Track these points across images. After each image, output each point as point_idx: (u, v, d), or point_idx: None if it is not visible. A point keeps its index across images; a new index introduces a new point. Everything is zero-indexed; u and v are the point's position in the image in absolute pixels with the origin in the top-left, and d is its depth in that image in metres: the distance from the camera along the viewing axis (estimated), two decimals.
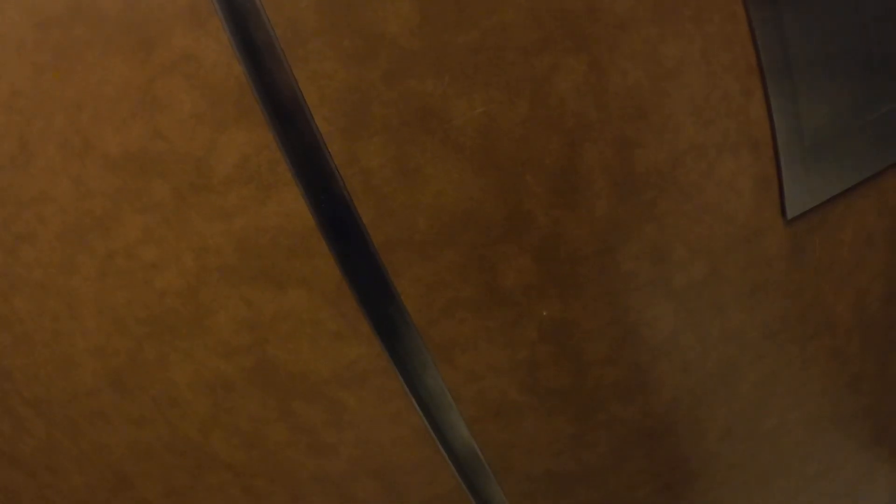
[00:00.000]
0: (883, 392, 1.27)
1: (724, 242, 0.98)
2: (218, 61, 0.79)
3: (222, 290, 0.91)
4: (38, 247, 0.92)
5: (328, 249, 0.86)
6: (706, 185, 0.93)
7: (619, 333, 0.96)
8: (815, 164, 1.02)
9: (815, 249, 1.07)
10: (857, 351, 1.19)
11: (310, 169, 0.83)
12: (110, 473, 1.09)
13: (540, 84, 0.82)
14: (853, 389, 1.20)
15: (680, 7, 0.88)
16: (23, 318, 0.98)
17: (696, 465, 1.12)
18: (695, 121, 0.90)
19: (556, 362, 0.96)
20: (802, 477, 1.24)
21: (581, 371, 0.97)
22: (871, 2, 1.01)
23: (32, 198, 0.89)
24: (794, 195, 1.01)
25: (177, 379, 0.99)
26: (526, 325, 0.92)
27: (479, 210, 0.85)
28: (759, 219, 0.99)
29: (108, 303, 0.94)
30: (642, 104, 0.86)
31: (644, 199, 0.90)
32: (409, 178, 0.83)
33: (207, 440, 1.04)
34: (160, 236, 0.88)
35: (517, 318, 0.91)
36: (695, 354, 1.03)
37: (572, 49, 0.83)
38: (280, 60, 0.79)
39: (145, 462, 1.07)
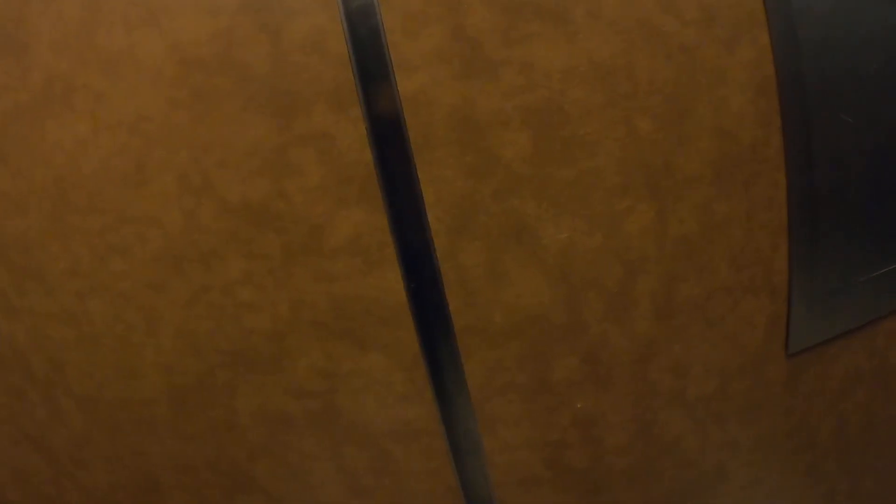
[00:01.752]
0: None
1: (735, 366, 1.16)
2: (352, 146, 0.93)
3: (309, 340, 1.03)
4: (130, 261, 1.01)
5: (414, 325, 1.01)
6: (729, 319, 1.11)
7: (636, 429, 1.13)
8: (820, 310, 1.21)
9: (808, 380, 1.26)
10: (833, 469, 1.37)
11: (413, 255, 0.97)
12: (142, 478, 1.18)
13: (616, 221, 1.00)
14: (826, 501, 1.37)
15: (735, 172, 1.07)
16: (94, 320, 1.06)
17: None
18: (729, 265, 1.09)
19: (580, 446, 1.12)
20: None
21: (599, 456, 1.13)
22: (879, 184, 1.21)
23: (136, 217, 0.98)
24: (797, 334, 1.20)
25: (240, 407, 1.09)
26: (562, 412, 1.08)
27: (546, 314, 1.01)
28: (766, 350, 1.17)
29: (190, 328, 1.04)
30: (691, 248, 1.04)
31: (677, 323, 1.07)
32: (496, 279, 0.99)
33: (252, 466, 1.13)
34: (261, 282, 0.99)
35: (556, 405, 1.07)
36: (694, 455, 1.19)
37: (646, 197, 1.01)
38: (408, 159, 0.93)
39: (182, 475, 1.16)
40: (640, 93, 0.98)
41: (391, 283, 0.99)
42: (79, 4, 0.92)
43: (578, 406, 1.08)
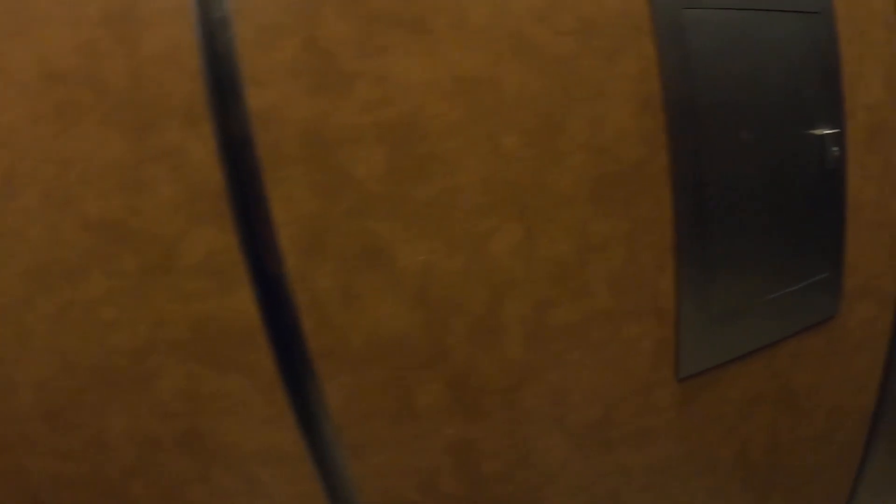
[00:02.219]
0: None
1: (621, 392, 1.11)
2: (203, 163, 0.88)
3: (169, 360, 0.99)
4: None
5: (269, 348, 0.96)
6: (611, 344, 1.07)
7: (516, 456, 1.08)
8: (713, 333, 1.16)
9: (703, 404, 1.21)
10: (738, 490, 1.34)
11: (265, 276, 0.92)
12: (26, 497, 1.15)
13: (479, 242, 0.94)
14: None
15: (615, 190, 1.02)
16: None
17: None
18: (609, 289, 1.04)
19: (455, 473, 1.07)
20: None
21: (476, 483, 1.09)
22: (781, 202, 1.17)
23: (3, 231, 0.94)
24: (688, 359, 1.15)
25: (111, 426, 1.05)
26: (432, 438, 1.03)
27: (406, 339, 0.96)
28: (654, 376, 1.13)
29: (59, 345, 1.00)
30: (564, 271, 0.99)
31: (552, 349, 1.02)
32: (350, 302, 0.94)
33: (128, 485, 1.09)
34: (121, 301, 0.95)
35: (425, 432, 1.02)
36: (583, 481, 1.15)
37: (513, 216, 0.96)
38: (258, 177, 0.88)
39: (63, 492, 1.12)
40: (506, 107, 0.94)
41: (245, 304, 0.94)
42: None
43: (449, 432, 1.02)
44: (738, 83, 1.10)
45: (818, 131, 1.24)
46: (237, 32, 0.84)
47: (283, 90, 0.87)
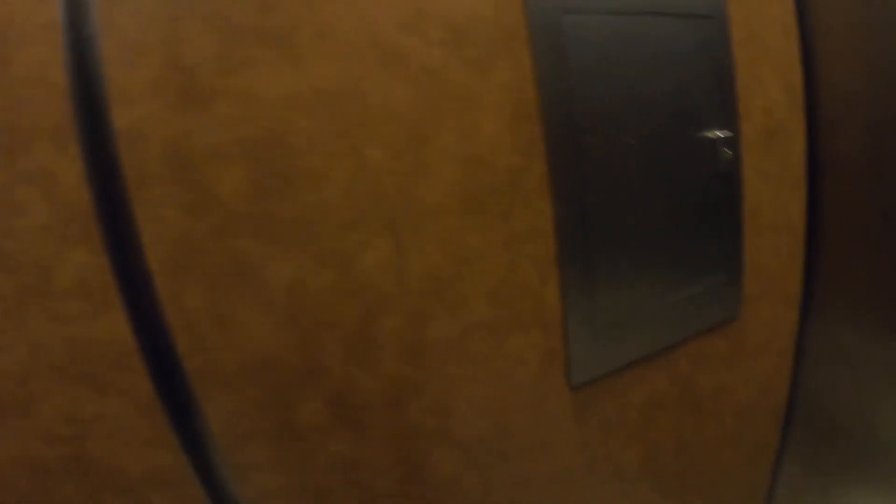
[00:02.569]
0: None
1: (511, 404, 1.10)
2: (72, 184, 0.86)
3: (50, 384, 0.96)
4: None
5: (145, 369, 0.94)
6: (495, 357, 1.06)
7: (405, 472, 1.07)
8: (605, 341, 1.16)
9: (601, 412, 1.21)
10: (650, 494, 1.35)
11: (137, 298, 0.90)
12: None
13: (348, 258, 0.93)
14: None
15: (490, 201, 1.01)
16: None
17: None
18: (489, 301, 1.03)
19: (346, 490, 1.05)
20: None
21: (372, 501, 1.07)
22: (672, 207, 1.17)
23: None
24: (579, 367, 1.14)
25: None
26: (317, 456, 1.02)
27: (281, 358, 0.94)
28: (545, 386, 1.12)
29: None
30: (439, 284, 0.98)
31: (432, 363, 1.01)
32: (222, 322, 0.92)
33: None
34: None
35: (310, 450, 1.01)
36: (479, 494, 1.14)
37: (382, 230, 0.94)
38: (125, 197, 0.86)
39: None
40: (372, 120, 0.92)
41: (119, 326, 0.92)
42: None
43: (332, 450, 1.01)
44: (622, 89, 1.10)
45: (710, 135, 1.24)
46: (103, 50, 0.82)
47: (147, 108, 0.86)
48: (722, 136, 1.27)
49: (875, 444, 1.54)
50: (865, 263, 1.52)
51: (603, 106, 1.08)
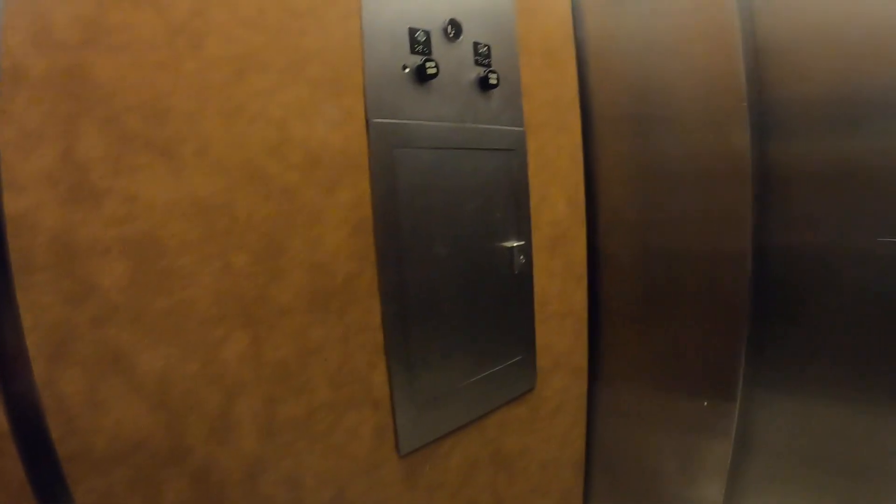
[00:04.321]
0: None
1: (348, 473, 1.28)
2: None
3: None
4: None
5: (17, 453, 0.98)
6: (334, 432, 1.24)
7: None
8: (426, 414, 1.39)
9: (427, 475, 1.42)
10: None
11: (13, 382, 0.96)
12: None
13: (212, 349, 1.08)
14: None
15: (330, 301, 1.21)
16: None
17: None
18: (329, 385, 1.22)
19: None
20: None
21: None
22: (478, 303, 1.43)
23: None
24: (407, 438, 1.36)
25: None
26: None
27: (149, 440, 1.05)
28: (377, 456, 1.32)
29: None
30: (288, 371, 1.16)
31: (282, 440, 1.18)
32: (96, 407, 1.01)
33: None
34: None
35: None
36: None
37: (241, 325, 1.11)
38: (9, 282, 0.91)
39: None
40: (237, 229, 1.08)
41: None
42: None
43: None
44: (439, 208, 1.36)
45: (508, 244, 1.54)
46: (1, 133, 0.87)
47: (38, 197, 0.92)
48: (517, 245, 1.58)
49: (658, 478, 1.87)
50: (637, 337, 1.87)
51: (423, 221, 1.32)
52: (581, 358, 1.94)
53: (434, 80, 1.35)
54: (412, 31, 1.33)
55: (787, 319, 1.64)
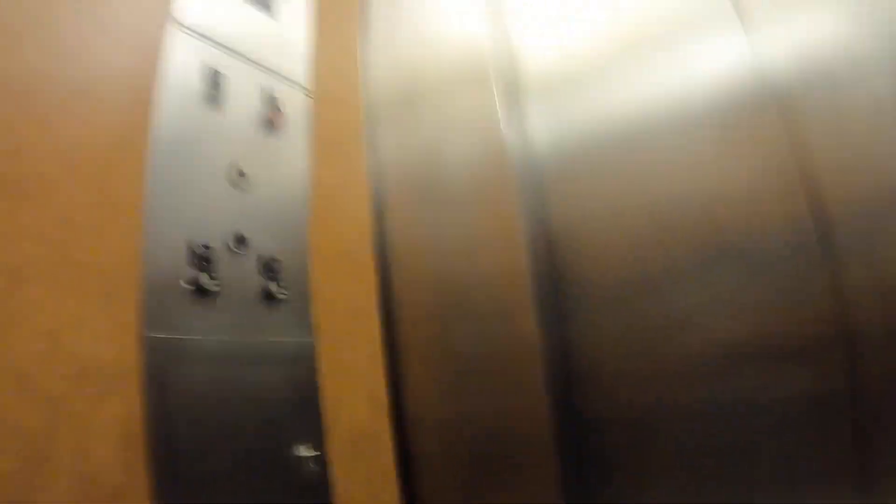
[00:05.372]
0: None
1: None
2: None
3: None
4: None
5: None
6: None
7: None
8: None
9: None
10: None
11: None
12: None
13: None
14: None
15: None
16: None
17: None
18: None
19: None
20: None
21: None
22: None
23: None
24: None
25: None
26: None
27: None
28: None
29: None
30: None
31: None
32: None
33: None
34: None
35: None
36: None
37: None
38: None
39: None
40: (5, 436, 1.09)
41: None
42: None
43: None
44: (220, 422, 1.40)
45: (300, 452, 1.57)
46: None
47: None
48: (311, 453, 1.59)
49: None
50: None
51: (201, 436, 1.36)
52: None
53: (215, 295, 1.46)
54: (194, 247, 1.45)
55: None
